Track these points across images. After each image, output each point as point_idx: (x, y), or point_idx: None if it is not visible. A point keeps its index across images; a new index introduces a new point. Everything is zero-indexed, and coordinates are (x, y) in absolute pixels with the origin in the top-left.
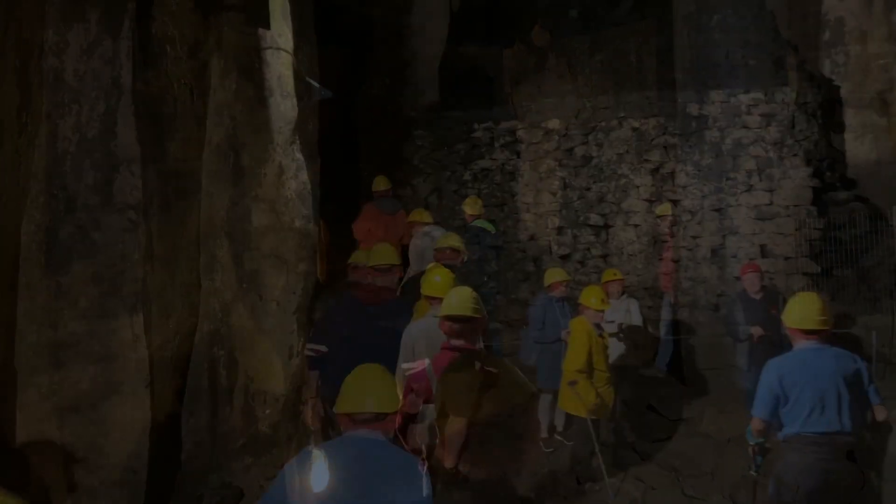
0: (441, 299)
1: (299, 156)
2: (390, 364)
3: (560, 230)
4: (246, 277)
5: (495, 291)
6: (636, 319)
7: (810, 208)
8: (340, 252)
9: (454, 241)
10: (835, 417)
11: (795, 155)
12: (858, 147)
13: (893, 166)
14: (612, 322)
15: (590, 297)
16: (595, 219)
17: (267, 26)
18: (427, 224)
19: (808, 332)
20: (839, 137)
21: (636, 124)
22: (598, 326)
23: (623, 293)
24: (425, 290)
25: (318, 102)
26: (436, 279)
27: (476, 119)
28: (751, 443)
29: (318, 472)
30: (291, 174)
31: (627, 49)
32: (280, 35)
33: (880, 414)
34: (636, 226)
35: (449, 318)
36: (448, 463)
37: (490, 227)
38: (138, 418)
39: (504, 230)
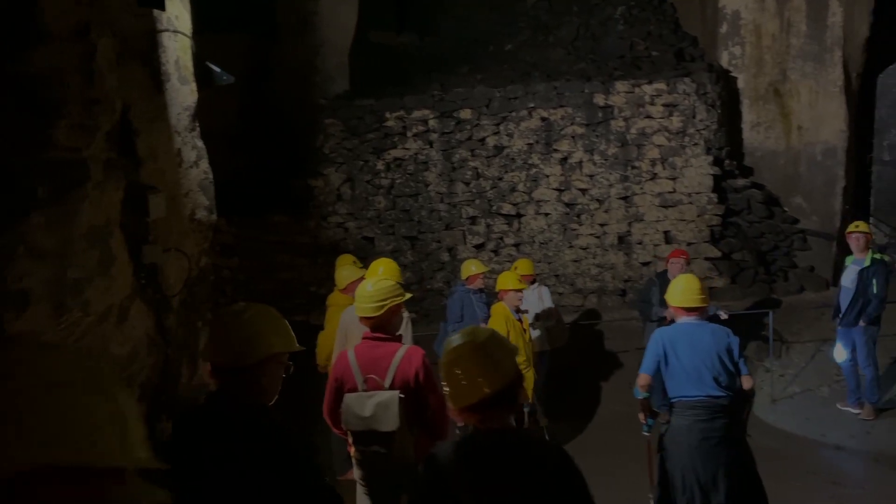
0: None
1: (200, 143)
2: None
3: (474, 220)
4: (144, 273)
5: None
6: (547, 305)
7: (711, 195)
8: (251, 248)
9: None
10: (711, 384)
11: (696, 144)
12: (755, 136)
13: (787, 155)
14: (526, 312)
15: (507, 281)
16: (507, 208)
17: (162, 7)
18: None
19: (688, 310)
20: (737, 127)
21: (545, 114)
22: (517, 311)
23: (534, 281)
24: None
25: (223, 89)
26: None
27: (388, 108)
28: (638, 397)
29: None
30: (191, 163)
31: (537, 39)
32: (178, 17)
33: (747, 383)
34: (547, 214)
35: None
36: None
37: None
38: None
39: (419, 220)
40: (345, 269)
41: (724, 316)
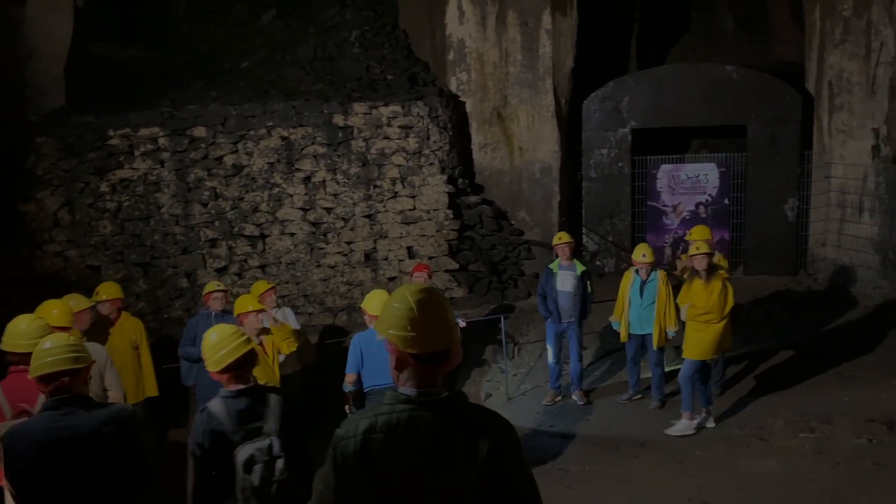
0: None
1: None
2: None
3: (214, 242)
4: None
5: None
6: (293, 326)
7: (447, 212)
8: None
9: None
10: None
11: (432, 164)
12: (483, 156)
13: (511, 173)
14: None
15: (245, 304)
16: (250, 229)
17: None
18: None
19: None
20: (467, 148)
21: (285, 133)
22: (258, 334)
23: (277, 306)
24: None
25: None
26: None
27: (112, 125)
28: (346, 391)
29: None
30: None
31: (274, 58)
32: None
33: None
34: (292, 234)
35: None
36: None
37: None
38: None
39: (152, 245)
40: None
41: (462, 324)
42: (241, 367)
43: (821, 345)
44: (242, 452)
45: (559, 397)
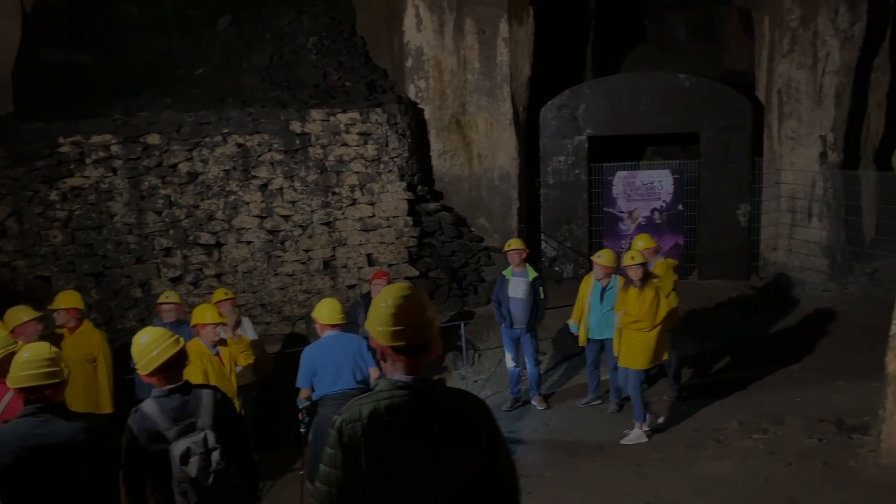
0: None
1: None
2: None
3: (168, 251)
4: None
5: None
6: (250, 336)
7: (407, 219)
8: None
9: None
10: (349, 379)
11: (391, 171)
12: (442, 163)
13: (471, 180)
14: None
15: (202, 314)
16: (206, 237)
17: None
18: None
19: (331, 325)
20: (427, 155)
21: (241, 141)
22: (214, 345)
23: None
24: None
25: None
26: None
27: (62, 132)
28: (300, 407)
29: None
30: None
31: (230, 64)
32: None
33: (374, 374)
34: (249, 242)
35: None
36: None
37: None
38: None
39: (104, 255)
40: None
41: None
42: (171, 368)
43: (772, 347)
44: (178, 447)
45: (519, 403)
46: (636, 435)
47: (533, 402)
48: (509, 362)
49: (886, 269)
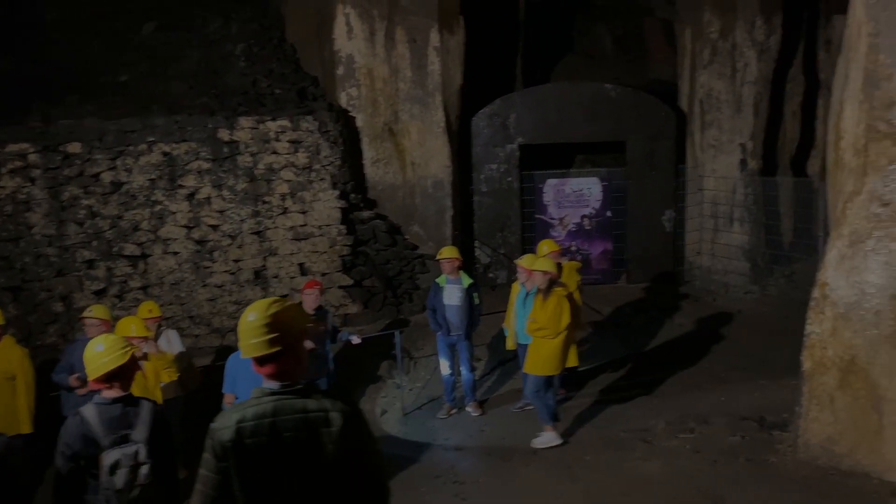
0: None
1: None
2: None
3: (91, 263)
4: None
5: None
6: (176, 349)
7: (340, 227)
8: None
9: None
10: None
11: (323, 179)
12: (376, 171)
13: (404, 188)
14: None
15: (128, 327)
16: (131, 248)
17: None
18: None
19: None
20: (360, 163)
21: (167, 149)
22: (143, 357)
23: (161, 325)
24: None
25: None
26: None
27: None
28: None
29: None
30: None
31: (155, 71)
32: None
33: None
34: (176, 253)
35: None
36: None
37: None
38: None
39: (22, 268)
40: None
41: (356, 340)
42: (118, 377)
43: (698, 348)
44: (109, 456)
45: (455, 410)
46: (548, 437)
47: (468, 409)
48: (445, 370)
49: (804, 272)
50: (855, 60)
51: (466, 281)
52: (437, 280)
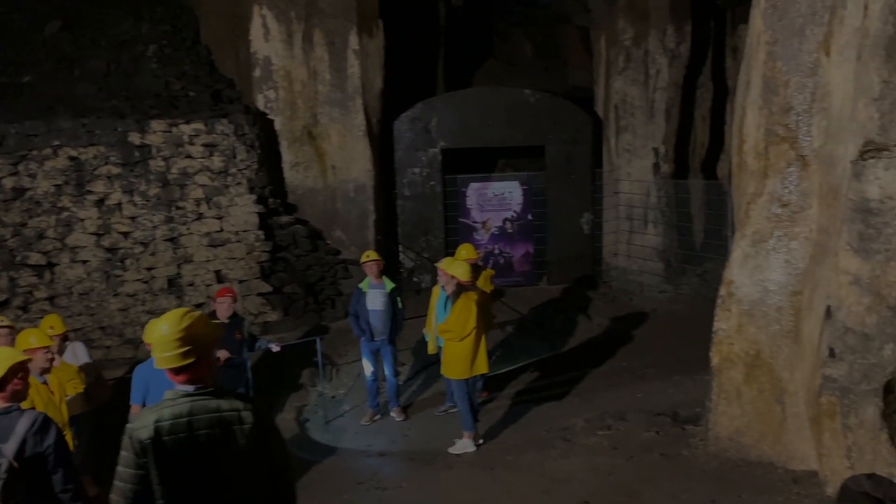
0: None
1: None
2: None
3: None
4: None
5: None
6: (83, 361)
7: (258, 233)
8: None
9: None
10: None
11: (239, 184)
12: (295, 175)
13: (325, 192)
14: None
15: (27, 338)
16: (36, 258)
17: None
18: None
19: None
20: (278, 167)
21: (74, 153)
22: (41, 373)
23: (66, 338)
24: None
25: None
26: None
27: None
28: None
29: None
30: None
31: (61, 72)
32: None
33: None
34: (85, 262)
35: None
36: None
37: None
38: None
39: None
40: None
41: (275, 348)
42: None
43: (616, 346)
44: None
45: (378, 416)
46: (464, 444)
47: (392, 414)
48: (368, 375)
49: (715, 271)
50: (755, 68)
51: (389, 285)
52: (360, 285)
